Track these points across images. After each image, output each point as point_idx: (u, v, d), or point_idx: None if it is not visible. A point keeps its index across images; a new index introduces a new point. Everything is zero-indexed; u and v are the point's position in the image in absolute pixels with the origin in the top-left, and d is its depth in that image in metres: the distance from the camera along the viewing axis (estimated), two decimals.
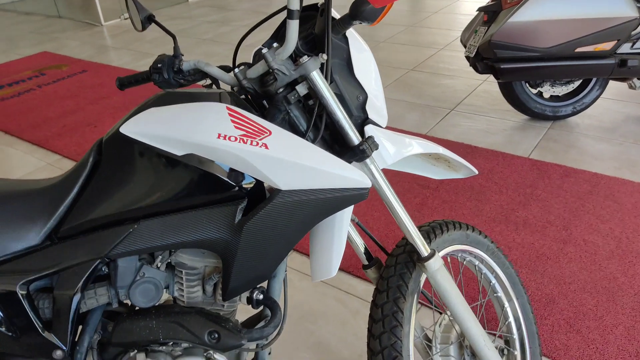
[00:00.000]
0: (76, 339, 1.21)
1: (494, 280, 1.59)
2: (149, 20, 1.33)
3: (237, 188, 1.12)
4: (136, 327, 1.19)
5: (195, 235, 1.11)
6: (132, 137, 1.13)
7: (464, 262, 1.58)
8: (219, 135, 1.08)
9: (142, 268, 1.20)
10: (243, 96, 1.32)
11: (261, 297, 1.26)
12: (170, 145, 1.11)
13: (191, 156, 1.11)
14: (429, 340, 1.50)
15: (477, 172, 1.51)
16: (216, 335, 1.18)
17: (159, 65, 1.34)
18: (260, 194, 1.15)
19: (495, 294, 1.60)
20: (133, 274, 1.19)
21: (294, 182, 1.09)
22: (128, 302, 1.47)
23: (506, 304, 1.60)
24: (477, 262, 1.58)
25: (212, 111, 1.11)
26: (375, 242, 1.49)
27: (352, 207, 1.22)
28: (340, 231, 1.19)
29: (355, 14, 1.14)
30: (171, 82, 1.34)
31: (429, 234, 1.41)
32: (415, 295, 1.33)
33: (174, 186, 1.12)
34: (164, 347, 1.25)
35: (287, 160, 1.08)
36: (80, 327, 1.23)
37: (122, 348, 1.23)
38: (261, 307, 1.35)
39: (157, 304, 1.24)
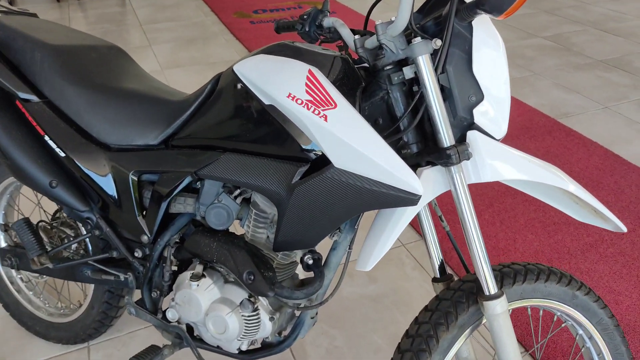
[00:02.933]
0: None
1: None
2: None
3: (303, 151, 1.15)
4: (202, 242, 1.33)
5: (260, 180, 1.18)
6: (239, 77, 1.21)
7: (564, 324, 1.34)
8: (289, 95, 1.10)
9: (221, 194, 1.31)
10: (364, 65, 1.28)
11: (311, 262, 1.32)
12: (260, 92, 1.17)
13: (273, 108, 1.17)
14: None
15: (625, 229, 1.23)
16: (252, 277, 1.26)
17: (304, 16, 1.37)
18: (325, 166, 1.12)
19: None
20: (213, 197, 1.31)
21: (346, 163, 1.07)
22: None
23: None
24: (580, 331, 1.33)
25: (294, 70, 1.13)
26: (460, 258, 1.34)
27: (413, 213, 1.12)
28: (392, 230, 1.12)
29: (480, 2, 0.99)
30: (311, 35, 1.37)
31: (508, 275, 1.21)
32: (466, 331, 1.18)
33: (256, 130, 1.20)
34: (223, 269, 1.38)
35: (341, 139, 1.06)
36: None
37: (190, 255, 1.39)
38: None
39: (227, 229, 1.36)
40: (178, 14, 5.50)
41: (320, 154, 1.14)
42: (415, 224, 2.52)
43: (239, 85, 1.22)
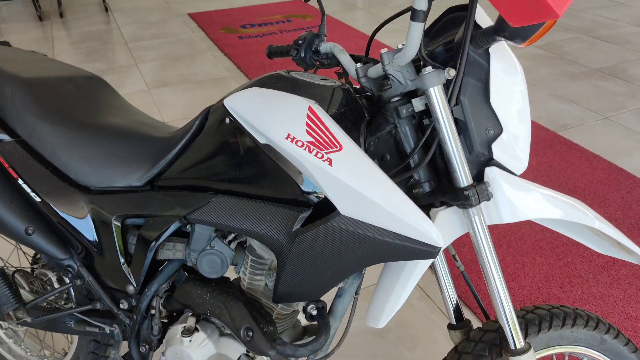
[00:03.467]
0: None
1: None
2: None
3: (304, 194, 1.04)
4: (194, 292, 1.22)
5: (256, 226, 1.07)
6: (230, 112, 1.10)
7: None
8: (288, 136, 0.99)
9: (213, 239, 1.19)
10: (366, 94, 1.17)
11: (314, 312, 1.18)
12: (254, 131, 1.07)
13: (270, 148, 1.06)
14: None
15: None
16: (250, 334, 1.15)
17: (299, 41, 1.28)
18: (329, 210, 1.01)
19: None
20: (205, 242, 1.19)
21: (354, 211, 0.96)
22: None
23: None
24: None
25: (292, 108, 1.02)
26: (478, 302, 1.23)
27: (427, 263, 1.01)
28: (404, 285, 1.01)
29: (500, 28, 0.89)
30: (307, 61, 1.28)
31: (533, 322, 1.10)
32: None
33: (250, 170, 1.09)
34: (218, 321, 1.26)
35: (348, 185, 0.94)
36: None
37: (181, 306, 1.27)
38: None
39: (222, 277, 1.24)
40: (164, 31, 5.39)
41: (323, 196, 1.03)
42: None
43: (228, 120, 1.11)
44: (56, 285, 1.50)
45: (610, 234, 1.06)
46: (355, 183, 0.94)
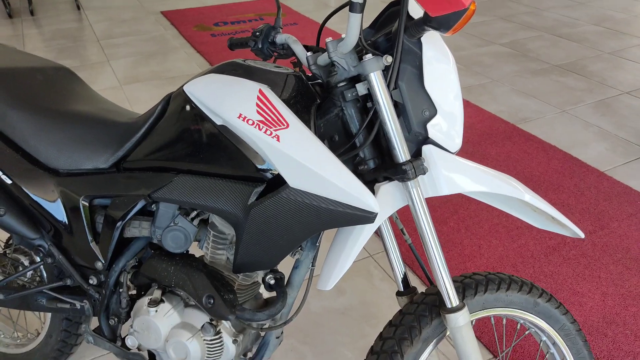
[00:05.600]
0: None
1: None
2: None
3: (258, 171, 1.13)
4: (159, 267, 1.30)
5: (216, 202, 1.16)
6: (189, 97, 1.19)
7: (528, 331, 1.35)
8: (240, 115, 1.09)
9: (177, 217, 1.27)
10: (318, 81, 1.27)
11: (272, 282, 1.29)
12: (211, 113, 1.15)
13: (225, 128, 1.15)
14: None
15: (582, 235, 1.25)
16: (212, 301, 1.23)
17: (257, 33, 1.36)
18: (280, 185, 1.10)
19: None
20: (169, 220, 1.27)
21: (301, 182, 1.06)
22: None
23: None
24: (544, 338, 1.34)
25: (243, 90, 1.11)
26: (423, 271, 1.34)
27: (370, 230, 1.11)
28: (351, 249, 1.11)
29: (427, 19, 1.00)
30: (264, 51, 1.35)
31: (470, 286, 1.21)
32: (430, 345, 1.17)
33: (209, 151, 1.18)
34: (183, 293, 1.34)
35: (294, 159, 1.04)
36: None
37: (148, 280, 1.35)
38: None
39: (186, 253, 1.32)
40: (136, 28, 5.42)
41: (276, 173, 1.12)
42: None
43: (188, 107, 1.19)
44: (28, 265, 1.57)
45: (543, 208, 1.17)
46: (300, 157, 1.04)
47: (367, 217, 1.05)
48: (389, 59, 1.06)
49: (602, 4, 6.02)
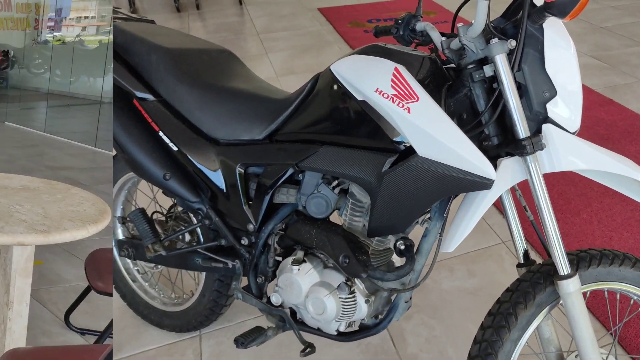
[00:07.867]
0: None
1: None
2: None
3: (392, 143, 1.26)
4: (303, 230, 1.45)
5: (354, 170, 1.29)
6: (335, 76, 1.34)
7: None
8: (377, 89, 1.22)
9: (320, 185, 1.42)
10: (451, 65, 1.37)
11: (402, 247, 1.39)
12: (353, 89, 1.29)
13: (365, 103, 1.28)
14: None
15: None
16: (347, 260, 1.36)
17: (399, 21, 1.47)
18: (411, 155, 1.22)
19: None
20: (313, 187, 1.43)
21: (429, 152, 1.17)
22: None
23: None
24: None
25: (381, 68, 1.24)
26: (543, 245, 1.40)
27: (492, 198, 1.20)
28: (473, 214, 1.21)
29: (547, 6, 1.09)
30: (405, 38, 1.43)
31: (584, 259, 1.25)
32: (544, 310, 1.24)
33: (351, 124, 1.32)
34: (322, 255, 1.48)
35: (423, 130, 1.16)
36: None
37: (292, 242, 1.52)
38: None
39: (327, 219, 1.47)
40: (294, 24, 5.74)
41: (409, 145, 1.23)
42: None
43: (335, 86, 1.33)
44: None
45: None
46: (429, 128, 1.15)
47: (485, 183, 1.15)
48: (513, 42, 1.14)
49: None
